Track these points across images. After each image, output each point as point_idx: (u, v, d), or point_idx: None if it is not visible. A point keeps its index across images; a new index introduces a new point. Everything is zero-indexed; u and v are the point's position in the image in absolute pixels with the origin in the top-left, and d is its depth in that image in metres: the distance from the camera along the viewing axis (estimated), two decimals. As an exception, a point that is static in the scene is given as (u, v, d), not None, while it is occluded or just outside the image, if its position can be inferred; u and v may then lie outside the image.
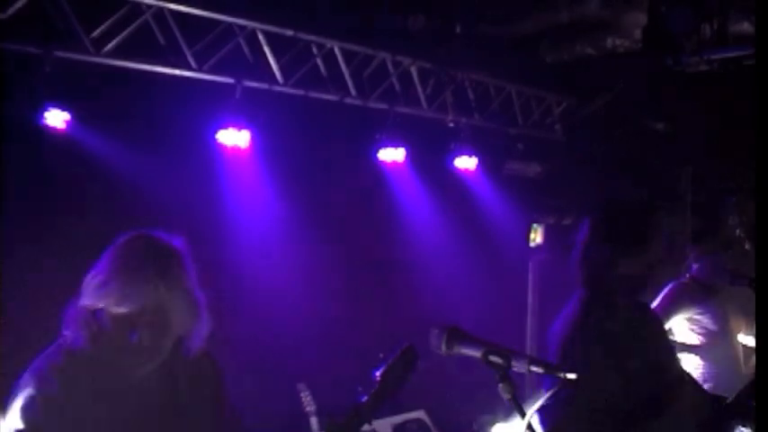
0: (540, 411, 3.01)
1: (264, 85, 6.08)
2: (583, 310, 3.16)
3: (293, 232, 6.51)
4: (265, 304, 6.12)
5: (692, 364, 4.95)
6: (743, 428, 2.96)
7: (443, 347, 2.32)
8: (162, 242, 2.43)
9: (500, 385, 2.20)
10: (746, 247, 4.89)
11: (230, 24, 5.78)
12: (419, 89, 7.03)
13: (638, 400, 3.04)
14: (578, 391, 2.95)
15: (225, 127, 5.81)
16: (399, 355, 2.61)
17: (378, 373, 2.66)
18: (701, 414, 2.74)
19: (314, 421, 5.46)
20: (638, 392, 3.05)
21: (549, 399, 2.18)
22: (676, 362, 3.37)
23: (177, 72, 5.65)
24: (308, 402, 5.52)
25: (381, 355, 2.65)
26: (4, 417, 2.27)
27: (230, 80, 5.87)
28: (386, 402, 2.63)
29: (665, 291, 4.97)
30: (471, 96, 7.39)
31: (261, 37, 5.98)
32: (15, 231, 4.95)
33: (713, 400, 3.24)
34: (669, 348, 3.38)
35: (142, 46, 5.43)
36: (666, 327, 4.77)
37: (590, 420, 2.98)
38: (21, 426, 2.24)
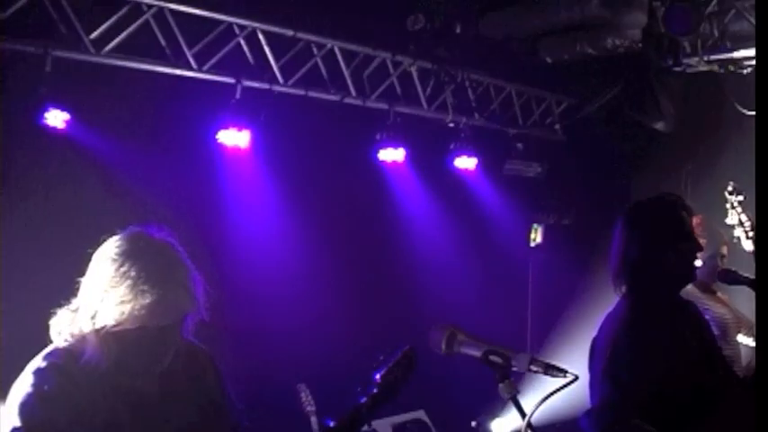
0: (586, 415, 3.01)
1: (264, 85, 6.08)
2: (628, 313, 3.12)
3: (293, 232, 6.51)
4: (265, 304, 6.11)
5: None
6: None
7: (443, 347, 2.32)
8: (158, 240, 2.41)
9: (500, 385, 2.20)
10: (747, 248, 4.88)
11: (230, 24, 5.79)
12: (419, 89, 7.03)
13: (687, 402, 3.01)
14: (627, 395, 2.94)
15: (225, 127, 5.80)
16: (400, 356, 2.61)
17: (378, 375, 2.65)
18: (751, 414, 2.70)
19: (314, 421, 5.45)
20: (686, 394, 3.02)
21: (544, 399, 2.16)
22: (724, 362, 3.33)
23: (177, 72, 5.65)
24: (308, 402, 5.51)
25: (381, 357, 2.64)
26: (2, 415, 2.26)
27: (230, 80, 5.88)
28: (385, 404, 2.62)
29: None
30: (471, 96, 7.39)
31: (261, 37, 5.98)
32: (15, 231, 4.94)
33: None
34: (716, 348, 3.34)
35: (142, 46, 5.44)
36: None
37: (641, 424, 2.96)
38: (18, 424, 2.23)
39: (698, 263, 4.54)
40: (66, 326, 2.36)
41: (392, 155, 6.85)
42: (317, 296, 6.45)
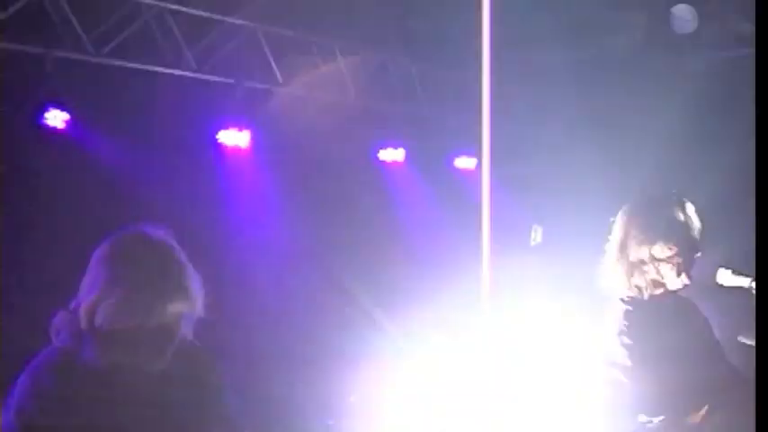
0: (589, 416, 3.00)
1: (264, 86, 6.08)
2: (627, 313, 3.11)
3: (293, 232, 6.50)
4: (264, 303, 6.11)
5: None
6: None
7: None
8: (155, 239, 2.41)
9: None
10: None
11: (230, 24, 5.78)
12: (419, 89, 7.03)
13: (686, 401, 3.00)
14: (624, 395, 2.93)
15: (226, 127, 5.81)
16: None
17: None
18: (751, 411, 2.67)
19: (315, 422, 5.45)
20: (684, 394, 3.01)
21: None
22: (726, 360, 3.31)
23: (177, 72, 5.65)
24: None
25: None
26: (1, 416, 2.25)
27: (230, 80, 5.88)
28: None
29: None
30: (471, 96, 7.39)
31: (261, 37, 5.98)
32: (15, 231, 4.94)
33: None
34: (717, 346, 3.32)
35: (142, 46, 5.43)
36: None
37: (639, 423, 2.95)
38: (16, 425, 2.22)
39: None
40: (64, 326, 2.36)
41: (392, 155, 6.85)
42: (318, 296, 6.44)
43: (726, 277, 4.44)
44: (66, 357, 2.31)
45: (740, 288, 4.27)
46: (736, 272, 4.38)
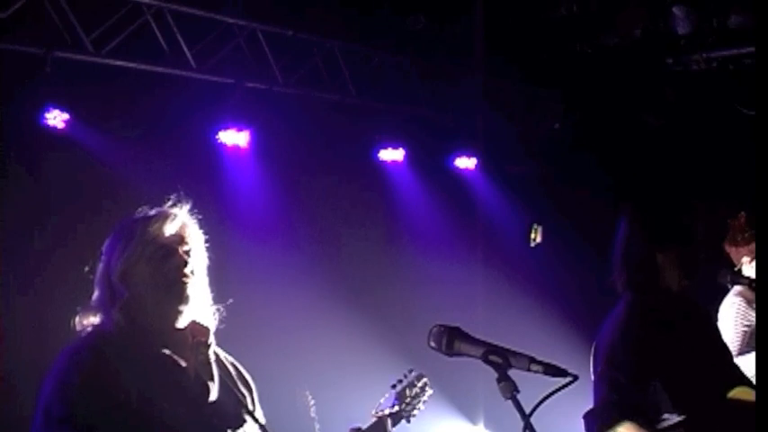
0: (585, 416, 3.00)
1: (264, 86, 6.08)
2: (628, 313, 3.10)
3: (293, 232, 6.51)
4: (264, 305, 6.11)
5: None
6: None
7: (444, 348, 2.32)
8: (162, 209, 2.56)
9: (500, 385, 2.19)
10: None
11: (230, 24, 5.79)
12: (418, 89, 7.03)
13: (687, 404, 3.00)
14: (624, 397, 2.93)
15: (225, 127, 5.81)
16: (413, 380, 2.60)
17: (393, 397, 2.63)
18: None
19: (317, 427, 5.44)
20: (686, 395, 3.00)
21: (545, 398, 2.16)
22: (729, 362, 3.30)
23: (177, 72, 5.65)
24: (311, 408, 5.50)
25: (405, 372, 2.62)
26: (41, 406, 2.22)
27: (230, 80, 5.88)
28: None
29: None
30: (471, 95, 7.39)
31: (261, 37, 5.98)
32: (15, 231, 4.94)
33: None
34: (721, 348, 3.31)
35: (142, 46, 5.44)
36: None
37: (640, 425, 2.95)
38: (61, 413, 2.19)
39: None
40: (86, 316, 2.40)
41: (392, 155, 6.85)
42: (318, 296, 6.44)
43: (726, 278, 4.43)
44: (102, 339, 2.34)
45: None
46: (736, 273, 4.38)
